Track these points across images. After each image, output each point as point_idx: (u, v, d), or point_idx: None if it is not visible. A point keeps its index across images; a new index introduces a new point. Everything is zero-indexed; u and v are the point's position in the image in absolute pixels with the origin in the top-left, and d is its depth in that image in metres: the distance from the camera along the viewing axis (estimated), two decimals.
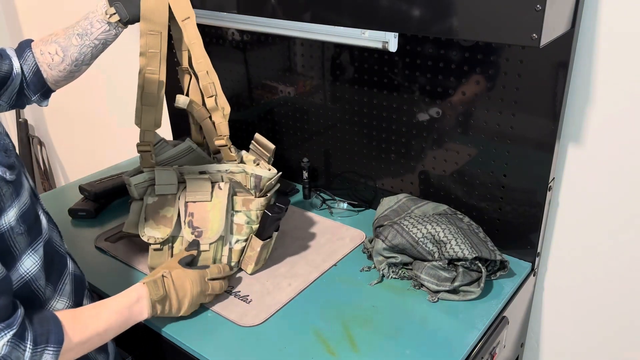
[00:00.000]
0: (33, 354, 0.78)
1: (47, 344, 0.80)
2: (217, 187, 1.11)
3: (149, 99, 1.07)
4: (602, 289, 1.20)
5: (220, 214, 1.09)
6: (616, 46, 1.00)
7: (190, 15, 1.06)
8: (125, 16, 1.02)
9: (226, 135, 1.14)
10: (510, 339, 1.18)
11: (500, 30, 0.83)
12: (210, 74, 1.10)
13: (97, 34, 1.03)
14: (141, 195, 1.10)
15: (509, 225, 1.19)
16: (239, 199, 1.12)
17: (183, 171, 1.12)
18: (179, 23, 1.06)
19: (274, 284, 1.13)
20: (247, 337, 1.00)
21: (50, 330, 0.81)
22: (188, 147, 1.19)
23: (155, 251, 1.10)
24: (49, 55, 1.03)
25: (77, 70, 1.06)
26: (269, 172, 1.12)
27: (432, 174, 1.28)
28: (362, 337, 0.99)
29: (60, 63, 1.03)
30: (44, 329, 0.80)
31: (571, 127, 1.10)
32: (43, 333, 0.80)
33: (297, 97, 1.44)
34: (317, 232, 1.31)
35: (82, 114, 2.36)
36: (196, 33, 1.07)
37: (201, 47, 1.09)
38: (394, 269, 1.13)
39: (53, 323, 0.82)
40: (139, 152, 1.12)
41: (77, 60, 1.04)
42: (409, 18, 0.91)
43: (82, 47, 1.03)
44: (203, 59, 1.09)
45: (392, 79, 1.24)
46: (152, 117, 1.09)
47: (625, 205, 1.10)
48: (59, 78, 1.06)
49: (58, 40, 1.03)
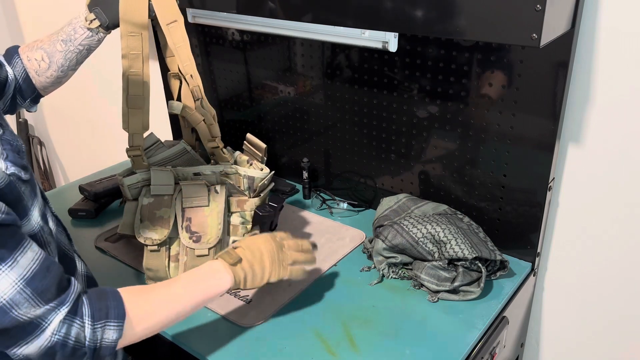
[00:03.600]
0: (93, 330, 0.75)
1: (107, 319, 0.77)
2: (213, 191, 1.11)
3: (135, 102, 1.07)
4: (602, 289, 1.20)
5: (219, 218, 1.09)
6: (616, 46, 1.00)
7: (178, 19, 1.06)
8: (105, 21, 1.02)
9: (217, 137, 1.15)
10: (510, 339, 1.18)
11: (500, 30, 0.83)
12: (194, 77, 1.11)
13: (81, 39, 1.03)
14: (135, 196, 1.10)
15: (509, 225, 1.19)
16: (234, 200, 1.12)
17: (177, 173, 1.12)
18: (163, 27, 1.06)
19: (274, 284, 1.12)
20: (247, 337, 1.00)
21: (109, 305, 0.78)
22: (182, 149, 1.20)
23: (151, 252, 1.10)
24: (35, 61, 1.03)
25: (64, 75, 1.06)
26: (261, 173, 1.12)
27: (432, 174, 1.28)
28: (362, 337, 0.99)
29: (47, 69, 1.03)
30: (102, 304, 0.77)
31: (571, 127, 1.10)
32: (101, 308, 0.77)
33: (297, 97, 1.44)
34: (317, 232, 1.31)
35: (82, 114, 2.36)
36: (183, 36, 1.08)
37: (188, 49, 1.09)
38: (394, 269, 1.13)
39: (112, 297, 0.79)
40: (130, 157, 1.12)
41: (63, 66, 1.04)
42: (409, 18, 0.91)
43: (67, 52, 1.03)
44: (189, 61, 1.10)
45: (392, 79, 1.24)
46: (140, 120, 1.09)
47: (625, 205, 1.10)
48: (47, 84, 1.06)
49: (43, 46, 1.03)
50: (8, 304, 0.68)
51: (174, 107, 1.14)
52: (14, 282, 0.69)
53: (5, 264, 0.68)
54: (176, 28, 1.07)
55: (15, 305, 0.69)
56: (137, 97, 1.07)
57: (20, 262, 0.70)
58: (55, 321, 0.73)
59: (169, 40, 1.07)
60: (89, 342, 0.75)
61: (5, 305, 0.68)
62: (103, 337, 0.77)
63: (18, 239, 0.71)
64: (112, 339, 0.77)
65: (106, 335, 0.77)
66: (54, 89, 1.08)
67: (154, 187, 1.09)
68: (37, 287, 0.71)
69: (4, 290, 0.68)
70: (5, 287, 0.68)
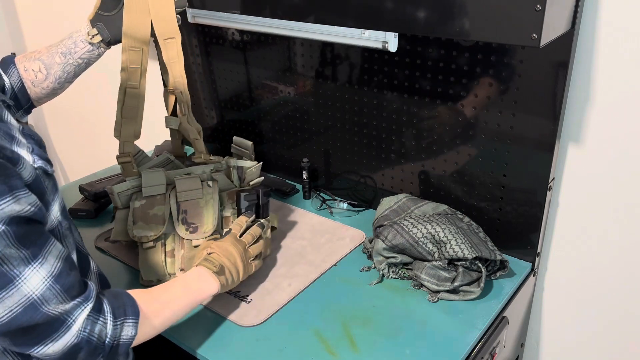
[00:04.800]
0: (114, 326, 0.78)
1: (125, 316, 0.80)
2: (206, 185, 1.13)
3: (129, 112, 1.10)
4: (603, 289, 1.20)
5: (213, 208, 1.11)
6: (616, 46, 1.00)
7: (175, 36, 1.08)
8: (107, 37, 1.02)
9: (202, 152, 1.20)
10: (510, 339, 1.18)
11: (500, 31, 0.83)
12: (184, 94, 1.15)
13: (81, 53, 1.03)
14: (125, 204, 1.12)
15: (509, 225, 1.19)
16: (226, 194, 1.15)
17: (169, 175, 1.14)
18: (160, 42, 1.07)
19: (274, 284, 1.13)
20: (247, 337, 1.00)
21: (125, 303, 0.81)
22: (166, 159, 1.23)
23: (147, 250, 1.10)
24: (32, 72, 1.03)
25: (59, 87, 1.06)
26: (249, 163, 1.19)
27: (432, 174, 1.28)
28: (362, 337, 0.99)
29: (43, 80, 1.03)
30: (119, 302, 0.81)
31: (571, 127, 1.10)
32: (120, 306, 0.80)
33: (297, 97, 1.44)
34: (317, 232, 1.31)
35: (82, 114, 2.36)
36: (178, 53, 1.10)
37: (181, 66, 1.12)
38: (394, 269, 1.13)
39: (126, 297, 0.83)
40: (120, 164, 1.15)
41: (60, 78, 1.04)
42: (409, 18, 0.91)
43: (66, 65, 1.03)
44: (181, 78, 1.14)
45: (392, 79, 1.24)
46: (132, 128, 1.12)
47: (625, 205, 1.10)
48: (41, 95, 1.06)
49: (41, 57, 1.03)
50: (39, 299, 0.69)
51: (171, 124, 1.20)
52: (44, 278, 0.70)
53: (37, 261, 0.69)
54: (173, 44, 1.09)
55: (45, 301, 0.70)
56: (133, 108, 1.10)
57: (49, 259, 0.71)
58: (81, 318, 0.74)
59: (165, 55, 1.10)
60: (109, 339, 0.78)
61: (37, 301, 0.69)
62: (122, 334, 0.79)
63: (47, 235, 0.73)
64: (130, 335, 0.80)
65: (124, 332, 0.80)
66: (47, 100, 1.08)
67: (146, 189, 1.11)
68: (64, 283, 0.73)
69: (36, 286, 0.69)
70: (36, 283, 0.69)
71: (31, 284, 0.68)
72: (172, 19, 1.06)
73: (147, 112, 1.38)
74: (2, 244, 0.65)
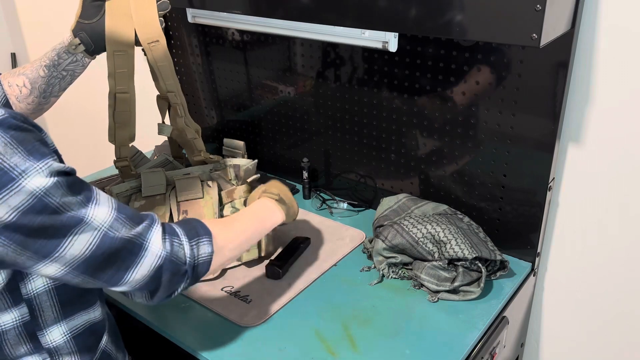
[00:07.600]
0: (191, 247, 0.81)
1: (198, 236, 0.82)
2: (206, 185, 1.13)
3: (122, 117, 1.10)
4: (603, 289, 1.20)
5: (214, 208, 1.11)
6: (616, 46, 1.00)
7: (160, 39, 1.07)
8: (90, 45, 1.01)
9: (202, 150, 1.20)
10: (510, 339, 1.18)
11: (500, 30, 0.83)
12: (178, 96, 1.15)
13: (65, 65, 1.02)
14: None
15: (509, 225, 1.19)
16: (224, 194, 1.15)
17: (168, 175, 1.14)
18: (144, 46, 1.06)
19: (274, 283, 1.13)
20: (247, 337, 1.00)
21: (195, 226, 0.84)
22: (165, 159, 1.24)
23: None
24: (16, 87, 1.01)
25: (45, 102, 1.05)
26: (245, 160, 1.19)
27: (432, 174, 1.28)
28: (362, 337, 0.99)
29: (28, 95, 1.02)
30: (189, 226, 0.83)
31: (571, 127, 1.10)
32: (191, 228, 0.83)
33: (297, 97, 1.44)
34: (317, 232, 1.31)
35: (82, 113, 2.36)
36: (165, 55, 1.09)
37: (171, 68, 1.12)
38: (394, 269, 1.13)
39: (195, 221, 0.85)
40: (117, 168, 1.15)
41: (45, 92, 1.03)
42: (409, 18, 0.91)
43: (50, 78, 1.02)
44: (172, 80, 1.13)
45: (392, 79, 1.24)
46: (127, 132, 1.12)
47: (625, 205, 1.10)
48: (27, 111, 1.04)
49: (25, 72, 1.01)
50: (110, 229, 0.73)
51: (165, 131, 1.19)
52: (108, 212, 0.74)
53: (93, 202, 0.73)
54: (158, 47, 1.08)
55: (115, 229, 0.73)
56: (124, 113, 1.10)
57: (101, 200, 0.74)
58: (155, 239, 0.77)
59: (151, 59, 1.08)
60: (189, 258, 0.80)
61: (109, 231, 0.73)
62: (199, 253, 0.82)
63: (90, 185, 0.76)
64: (208, 253, 0.82)
65: (202, 250, 0.82)
66: (34, 117, 1.06)
67: (145, 189, 1.11)
68: (127, 213, 0.76)
69: (104, 219, 0.73)
70: (103, 217, 0.73)
71: (99, 219, 0.72)
72: (155, 21, 1.05)
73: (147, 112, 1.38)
74: (59, 193, 0.69)
